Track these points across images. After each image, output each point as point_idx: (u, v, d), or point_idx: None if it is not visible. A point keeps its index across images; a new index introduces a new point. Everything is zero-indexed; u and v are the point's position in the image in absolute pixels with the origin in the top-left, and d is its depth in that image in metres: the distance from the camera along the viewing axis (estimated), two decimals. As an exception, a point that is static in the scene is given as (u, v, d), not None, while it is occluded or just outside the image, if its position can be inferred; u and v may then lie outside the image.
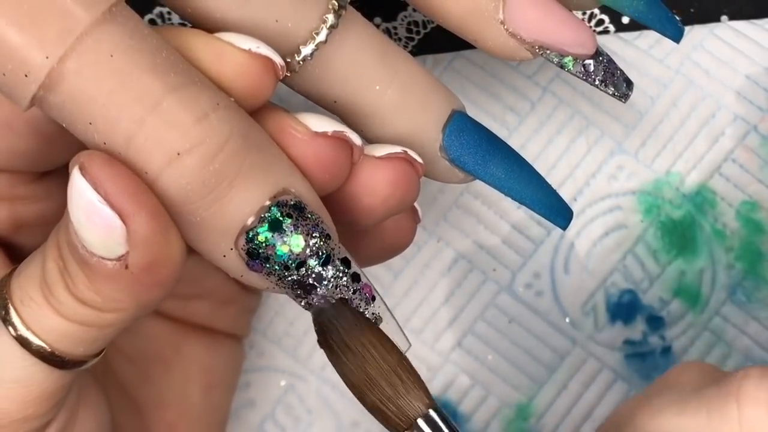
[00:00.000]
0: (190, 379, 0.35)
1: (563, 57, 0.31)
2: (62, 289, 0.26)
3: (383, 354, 0.27)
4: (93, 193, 0.24)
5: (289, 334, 0.40)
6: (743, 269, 0.39)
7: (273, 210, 0.26)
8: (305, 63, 0.29)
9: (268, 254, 0.26)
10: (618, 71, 0.32)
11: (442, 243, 0.40)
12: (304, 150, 0.27)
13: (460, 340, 0.39)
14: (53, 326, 0.26)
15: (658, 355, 0.39)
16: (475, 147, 0.31)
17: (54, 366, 0.27)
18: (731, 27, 0.40)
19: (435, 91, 0.31)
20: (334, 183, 0.28)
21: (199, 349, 0.35)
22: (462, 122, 0.31)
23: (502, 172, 0.31)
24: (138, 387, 0.34)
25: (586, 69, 0.32)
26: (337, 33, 0.29)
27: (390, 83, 0.30)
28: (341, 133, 0.28)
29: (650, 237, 0.39)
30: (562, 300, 0.39)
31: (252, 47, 0.27)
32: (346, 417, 0.39)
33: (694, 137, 0.39)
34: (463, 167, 0.31)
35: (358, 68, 0.29)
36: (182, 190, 0.25)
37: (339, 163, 0.28)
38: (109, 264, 0.25)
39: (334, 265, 0.27)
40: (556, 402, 0.39)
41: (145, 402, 0.34)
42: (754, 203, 0.39)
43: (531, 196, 0.31)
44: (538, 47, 0.31)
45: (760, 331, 0.39)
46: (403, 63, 0.30)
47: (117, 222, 0.24)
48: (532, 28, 0.30)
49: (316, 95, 0.30)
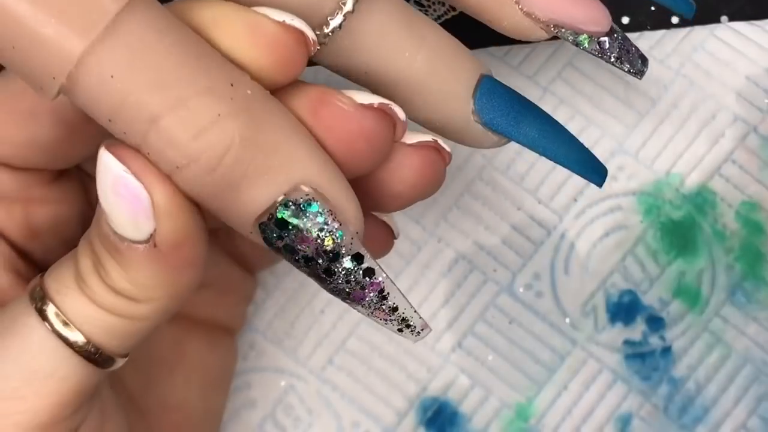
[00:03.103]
0: (192, 380, 0.35)
1: (578, 35, 0.31)
2: (96, 279, 0.27)
3: None
4: (119, 165, 0.25)
5: (289, 334, 0.40)
6: (743, 270, 0.39)
7: (279, 210, 0.26)
8: (334, 35, 0.29)
9: (279, 247, 0.26)
10: (633, 48, 0.32)
11: (443, 243, 0.40)
12: (349, 122, 0.27)
13: (461, 341, 0.39)
14: (89, 315, 0.27)
15: (658, 355, 0.39)
16: (507, 108, 0.31)
17: (88, 360, 0.27)
18: (731, 28, 0.40)
19: (463, 56, 0.31)
20: (376, 159, 0.28)
21: (200, 348, 0.36)
22: (492, 85, 0.31)
23: (536, 132, 0.31)
24: (142, 392, 0.34)
25: (601, 46, 0.32)
26: (362, 3, 0.29)
27: (418, 50, 0.30)
28: (386, 105, 0.28)
29: (650, 238, 0.39)
30: (562, 301, 0.39)
31: (286, 19, 0.27)
32: (346, 417, 0.39)
33: (695, 138, 0.39)
34: (496, 129, 0.31)
35: (387, 37, 0.29)
36: (190, 194, 0.26)
37: (383, 137, 0.28)
38: (140, 248, 0.26)
39: (344, 262, 0.26)
40: (556, 402, 0.39)
41: (150, 406, 0.34)
42: (754, 204, 0.39)
43: (566, 154, 0.31)
44: (553, 26, 0.31)
45: (760, 332, 0.39)
46: (429, 30, 0.30)
47: (143, 193, 0.25)
48: (546, 7, 0.31)
49: (346, 68, 0.30)
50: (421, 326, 0.28)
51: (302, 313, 0.39)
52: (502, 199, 0.39)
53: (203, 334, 0.36)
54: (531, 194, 0.39)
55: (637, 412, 0.38)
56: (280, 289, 0.40)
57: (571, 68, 0.40)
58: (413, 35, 0.30)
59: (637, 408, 0.38)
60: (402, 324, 0.28)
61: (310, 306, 0.39)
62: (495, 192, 0.39)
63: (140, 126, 0.25)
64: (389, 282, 0.27)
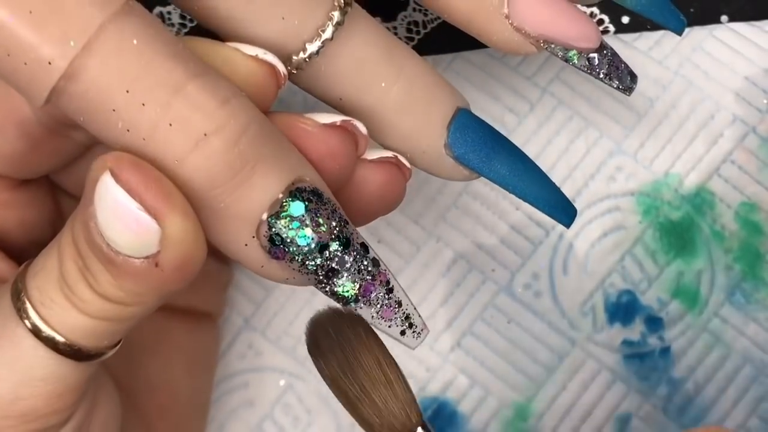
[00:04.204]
0: (175, 362, 0.36)
1: (568, 51, 0.31)
2: (84, 287, 0.26)
3: (380, 365, 0.27)
4: (129, 199, 0.25)
5: (288, 333, 0.40)
6: (742, 270, 0.39)
7: (294, 194, 0.26)
8: (311, 60, 0.29)
9: (291, 238, 0.26)
10: (622, 64, 0.32)
11: (441, 243, 0.40)
12: (314, 142, 0.27)
13: (459, 341, 0.39)
14: (77, 324, 0.27)
15: (656, 355, 0.39)
16: (480, 144, 0.31)
17: (79, 360, 0.27)
18: (730, 29, 0.40)
19: (440, 88, 0.31)
20: (342, 176, 0.28)
21: (181, 332, 0.36)
22: (467, 119, 0.31)
23: (507, 170, 0.31)
24: (127, 374, 0.34)
25: (590, 62, 0.32)
26: (343, 30, 0.29)
27: (395, 80, 0.30)
28: (348, 122, 0.28)
29: (649, 238, 0.39)
30: (561, 300, 0.39)
31: (258, 54, 0.27)
32: (345, 417, 0.39)
33: (693, 138, 0.39)
34: (467, 164, 0.31)
35: (364, 65, 0.30)
36: (208, 173, 0.25)
37: (347, 154, 0.28)
38: (137, 262, 0.25)
39: (355, 248, 0.27)
40: (555, 402, 0.39)
41: (135, 388, 0.34)
42: (753, 204, 0.39)
43: (535, 193, 0.31)
44: (542, 41, 0.31)
45: (759, 332, 0.39)
46: (408, 60, 0.30)
47: (154, 226, 0.25)
48: (536, 22, 0.31)
49: (322, 92, 0.30)
50: (422, 326, 0.28)
51: (301, 313, 0.40)
52: (500, 199, 0.39)
53: (182, 319, 0.36)
54: (530, 194, 0.39)
55: (636, 413, 0.38)
56: (279, 288, 0.40)
57: (570, 69, 0.40)
58: (391, 65, 0.30)
59: (636, 408, 0.38)
60: (405, 323, 0.28)
61: (309, 305, 0.39)
62: (494, 192, 0.40)
63: (163, 94, 0.25)
64: (392, 275, 0.27)
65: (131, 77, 0.24)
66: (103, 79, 0.24)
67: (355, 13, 0.29)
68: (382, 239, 0.40)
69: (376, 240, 0.40)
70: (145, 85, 0.24)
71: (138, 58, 0.24)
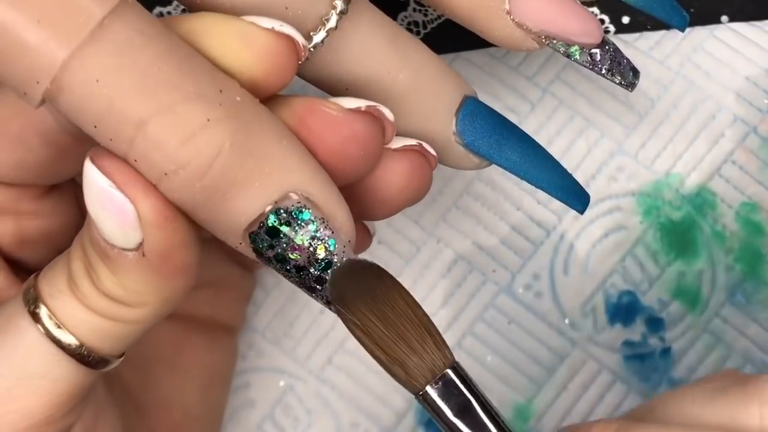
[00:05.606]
0: (191, 378, 0.35)
1: (570, 46, 0.31)
2: (88, 283, 0.27)
3: (410, 307, 0.27)
4: (104, 179, 0.25)
5: (288, 334, 0.40)
6: (743, 271, 0.39)
7: (270, 218, 0.25)
8: (316, 50, 0.29)
9: (270, 257, 0.26)
10: (624, 60, 0.32)
11: (442, 244, 0.40)
12: (339, 128, 0.27)
13: (460, 341, 0.39)
14: (81, 318, 0.27)
15: (657, 356, 0.39)
16: (489, 131, 0.31)
17: (81, 362, 0.27)
18: (731, 29, 0.40)
19: (447, 76, 0.31)
20: (368, 163, 0.28)
21: (200, 347, 0.36)
22: (475, 107, 0.31)
23: (518, 156, 0.31)
24: (141, 390, 0.34)
25: (592, 58, 0.32)
26: (347, 19, 0.29)
27: (401, 69, 0.30)
28: (374, 107, 0.28)
29: (650, 238, 0.39)
30: (562, 301, 0.39)
31: (275, 26, 0.26)
32: (345, 417, 0.39)
33: (694, 139, 0.39)
34: (477, 152, 0.31)
35: (369, 54, 0.29)
36: (179, 201, 0.26)
37: (374, 140, 0.27)
38: (129, 255, 0.26)
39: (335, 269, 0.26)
40: (556, 403, 0.39)
41: (149, 404, 0.34)
42: (754, 205, 0.39)
43: (548, 179, 0.31)
44: (544, 37, 0.31)
45: (760, 332, 0.39)
46: (414, 48, 0.30)
47: (128, 206, 0.25)
48: (538, 17, 0.31)
49: (327, 83, 0.30)
50: None
51: (301, 313, 0.39)
52: (501, 200, 0.39)
53: (203, 332, 0.36)
54: (530, 194, 0.39)
55: (637, 413, 0.38)
56: (279, 289, 0.40)
57: (571, 69, 0.40)
58: (397, 54, 0.30)
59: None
60: None
61: (309, 306, 0.39)
62: (494, 192, 0.39)
63: (127, 131, 0.24)
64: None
65: (98, 114, 0.25)
66: (71, 114, 0.25)
67: (359, 3, 0.29)
68: (382, 239, 0.40)
69: (376, 240, 0.39)
70: (111, 121, 0.25)
71: (101, 96, 0.24)
